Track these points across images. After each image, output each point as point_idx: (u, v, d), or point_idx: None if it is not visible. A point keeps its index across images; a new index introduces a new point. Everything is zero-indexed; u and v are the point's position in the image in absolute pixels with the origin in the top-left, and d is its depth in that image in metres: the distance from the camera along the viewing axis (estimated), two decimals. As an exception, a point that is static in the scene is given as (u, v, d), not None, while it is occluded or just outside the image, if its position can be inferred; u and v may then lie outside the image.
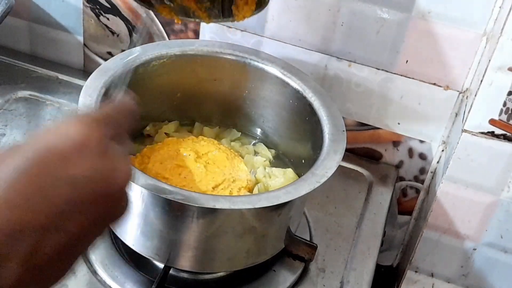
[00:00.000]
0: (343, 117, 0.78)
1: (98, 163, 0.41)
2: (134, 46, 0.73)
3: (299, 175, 0.80)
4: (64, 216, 0.39)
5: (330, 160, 0.71)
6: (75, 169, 0.40)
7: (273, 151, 0.86)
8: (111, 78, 0.75)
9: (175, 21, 0.73)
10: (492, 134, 0.82)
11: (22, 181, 0.38)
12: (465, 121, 0.82)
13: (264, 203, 0.65)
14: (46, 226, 0.39)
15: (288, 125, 0.84)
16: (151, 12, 0.96)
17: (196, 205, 0.63)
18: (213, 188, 0.74)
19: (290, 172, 0.81)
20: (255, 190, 0.78)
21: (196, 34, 0.96)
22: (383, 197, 0.93)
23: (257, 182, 0.80)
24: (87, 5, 0.99)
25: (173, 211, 0.66)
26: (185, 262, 0.72)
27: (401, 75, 0.89)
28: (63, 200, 0.39)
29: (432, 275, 0.97)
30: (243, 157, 0.83)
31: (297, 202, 0.73)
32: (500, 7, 0.80)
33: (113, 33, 1.00)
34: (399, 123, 0.94)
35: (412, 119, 0.92)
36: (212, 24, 0.93)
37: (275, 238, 0.74)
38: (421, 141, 0.94)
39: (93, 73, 0.75)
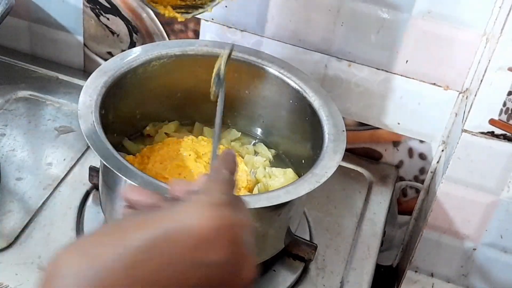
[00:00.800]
0: (343, 117, 0.78)
1: (230, 253, 0.39)
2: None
3: (299, 175, 0.80)
4: None
5: (330, 160, 0.71)
6: (207, 257, 0.37)
7: (273, 151, 0.86)
8: (111, 78, 0.75)
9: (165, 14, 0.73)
10: (492, 134, 0.82)
11: (151, 254, 0.36)
12: (465, 121, 0.82)
13: (264, 203, 0.65)
14: None
15: (288, 125, 0.84)
16: (151, 12, 0.96)
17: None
18: None
19: (290, 172, 0.81)
20: (255, 190, 0.78)
21: (196, 34, 0.95)
22: (383, 197, 0.93)
23: (257, 182, 0.80)
24: (87, 5, 0.99)
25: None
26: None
27: (401, 75, 0.89)
28: (192, 283, 0.37)
29: (432, 275, 0.97)
30: (243, 157, 0.83)
31: (297, 202, 0.72)
32: (500, 7, 0.79)
33: (113, 33, 1.00)
34: (399, 123, 0.94)
35: (412, 119, 0.92)
36: (212, 24, 0.93)
37: (275, 238, 0.74)
38: (421, 141, 0.94)
39: (93, 73, 0.75)
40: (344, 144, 0.73)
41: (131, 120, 0.83)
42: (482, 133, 0.82)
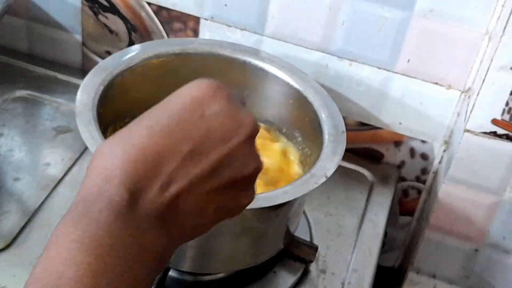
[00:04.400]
0: (344, 117, 0.78)
1: (227, 106, 0.44)
2: None
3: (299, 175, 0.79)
4: (198, 149, 0.42)
5: (329, 161, 0.71)
6: (208, 110, 0.43)
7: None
8: (110, 76, 0.75)
9: None
10: (494, 134, 0.82)
11: (161, 120, 0.43)
12: (467, 121, 0.82)
13: (261, 203, 0.65)
14: (183, 154, 0.42)
15: (288, 125, 0.84)
16: (150, 11, 0.95)
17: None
18: None
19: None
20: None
21: (196, 33, 0.95)
22: (384, 197, 0.93)
23: None
24: (86, 3, 0.98)
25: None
26: (184, 263, 0.72)
27: (403, 75, 0.89)
28: (198, 135, 0.42)
29: (434, 276, 0.96)
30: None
31: (295, 203, 0.72)
32: (502, 5, 0.79)
33: (111, 32, 1.00)
34: (400, 123, 0.93)
35: (413, 119, 0.92)
36: (211, 23, 0.93)
37: (274, 238, 0.74)
38: (423, 141, 0.94)
39: (91, 71, 0.75)
40: (343, 145, 0.73)
41: (130, 119, 0.82)
42: (484, 133, 0.82)
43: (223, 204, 0.45)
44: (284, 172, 0.80)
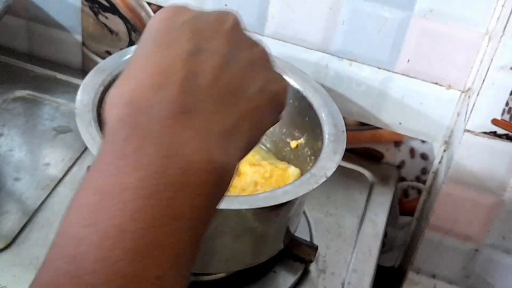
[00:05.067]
0: (344, 117, 0.78)
1: (197, 12, 0.43)
2: None
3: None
4: (197, 47, 0.39)
5: (329, 160, 0.71)
6: (182, 19, 0.41)
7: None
8: (110, 76, 0.74)
9: None
10: (494, 134, 0.82)
11: (147, 47, 0.40)
12: (467, 121, 0.82)
13: (261, 203, 0.65)
14: (190, 53, 0.39)
15: (288, 125, 0.84)
16: (150, 11, 0.95)
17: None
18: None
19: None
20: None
21: (196, 33, 0.95)
22: (384, 197, 0.93)
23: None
24: (86, 3, 0.98)
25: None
26: (184, 263, 0.71)
27: (403, 75, 0.89)
28: (188, 36, 0.40)
29: (434, 277, 0.96)
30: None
31: (295, 203, 0.72)
32: (502, 6, 0.79)
33: (112, 32, 1.00)
34: (400, 123, 0.93)
35: (413, 119, 0.92)
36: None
37: (274, 238, 0.74)
38: (423, 141, 0.94)
39: (91, 71, 0.75)
40: (344, 145, 0.73)
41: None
42: (484, 133, 0.82)
43: (262, 85, 0.41)
44: (282, 178, 0.80)
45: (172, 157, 0.35)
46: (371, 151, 0.97)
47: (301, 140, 0.81)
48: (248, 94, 0.40)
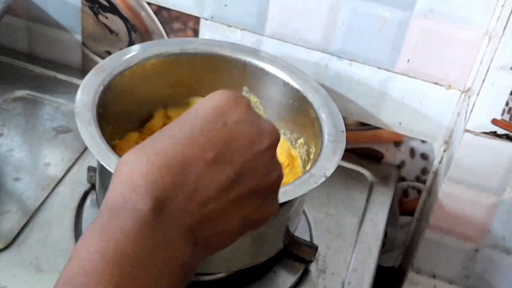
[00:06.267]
0: (344, 117, 0.78)
1: (248, 114, 0.45)
2: None
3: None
4: (222, 156, 0.43)
5: (329, 160, 0.71)
6: (230, 118, 0.44)
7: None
8: (109, 76, 0.75)
9: None
10: (494, 134, 0.81)
11: (184, 130, 0.43)
12: (467, 121, 0.82)
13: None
14: (207, 161, 0.42)
15: (288, 125, 0.84)
16: (150, 11, 0.95)
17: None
18: None
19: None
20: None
21: (196, 33, 0.95)
22: (384, 197, 0.93)
23: None
24: (86, 3, 0.98)
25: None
26: (184, 263, 0.71)
27: (403, 75, 0.89)
28: (222, 142, 0.43)
29: (434, 277, 0.96)
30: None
31: (295, 203, 0.72)
32: (502, 5, 0.79)
33: (111, 32, 1.00)
34: (400, 123, 0.93)
35: (413, 119, 0.92)
36: (211, 23, 0.93)
37: (273, 238, 0.74)
38: (423, 141, 0.94)
39: (91, 71, 0.75)
40: (343, 145, 0.73)
41: (129, 119, 0.82)
42: (484, 133, 0.82)
43: (248, 213, 0.45)
44: (291, 167, 0.80)
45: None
46: (371, 151, 0.97)
47: (301, 140, 0.81)
48: (235, 224, 0.45)
